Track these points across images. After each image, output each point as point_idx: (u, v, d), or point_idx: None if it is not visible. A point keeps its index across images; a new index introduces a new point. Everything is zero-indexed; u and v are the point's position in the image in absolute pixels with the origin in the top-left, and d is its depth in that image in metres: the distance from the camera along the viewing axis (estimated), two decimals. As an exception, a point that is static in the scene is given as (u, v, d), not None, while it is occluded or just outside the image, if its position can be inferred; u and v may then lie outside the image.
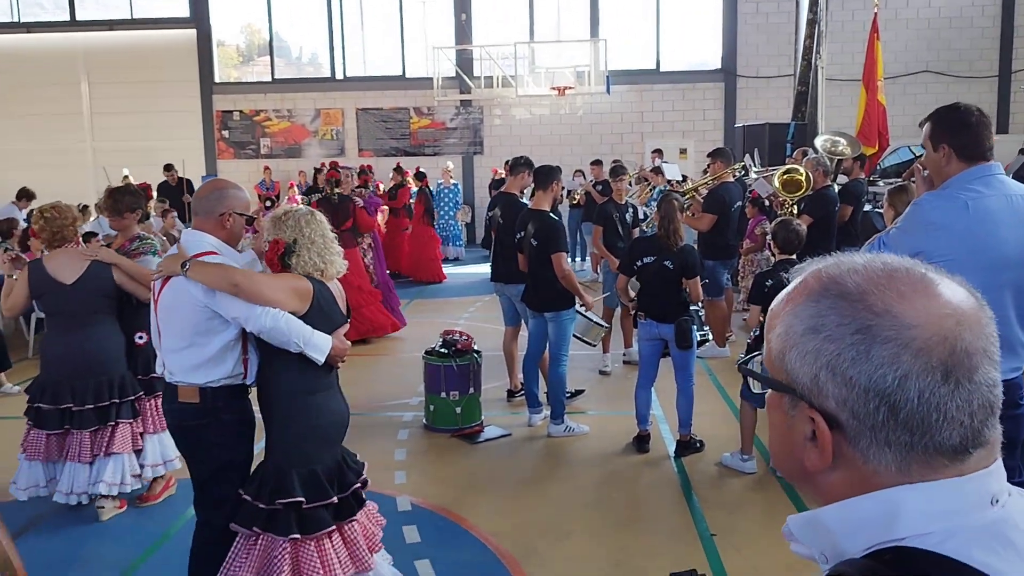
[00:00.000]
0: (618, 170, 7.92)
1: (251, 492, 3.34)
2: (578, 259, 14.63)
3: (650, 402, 5.96)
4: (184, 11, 19.74)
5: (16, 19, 20.21)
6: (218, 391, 3.36)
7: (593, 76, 18.46)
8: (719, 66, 19.10)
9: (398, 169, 14.56)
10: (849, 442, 0.91)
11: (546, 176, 6.21)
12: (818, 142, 8.70)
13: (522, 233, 6.29)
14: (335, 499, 3.36)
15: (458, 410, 6.31)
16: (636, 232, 7.89)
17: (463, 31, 19.20)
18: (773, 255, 5.42)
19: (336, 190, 8.98)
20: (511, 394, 7.11)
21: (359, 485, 3.49)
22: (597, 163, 13.58)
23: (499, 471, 5.62)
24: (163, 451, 5.05)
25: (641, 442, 5.88)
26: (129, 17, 19.97)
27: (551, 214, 6.20)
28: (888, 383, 0.87)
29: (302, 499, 3.26)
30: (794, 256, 5.29)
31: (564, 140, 19.10)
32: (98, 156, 19.89)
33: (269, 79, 20.06)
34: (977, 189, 3.06)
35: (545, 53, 19.17)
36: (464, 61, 19.07)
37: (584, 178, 14.61)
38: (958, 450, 0.88)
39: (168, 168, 15.54)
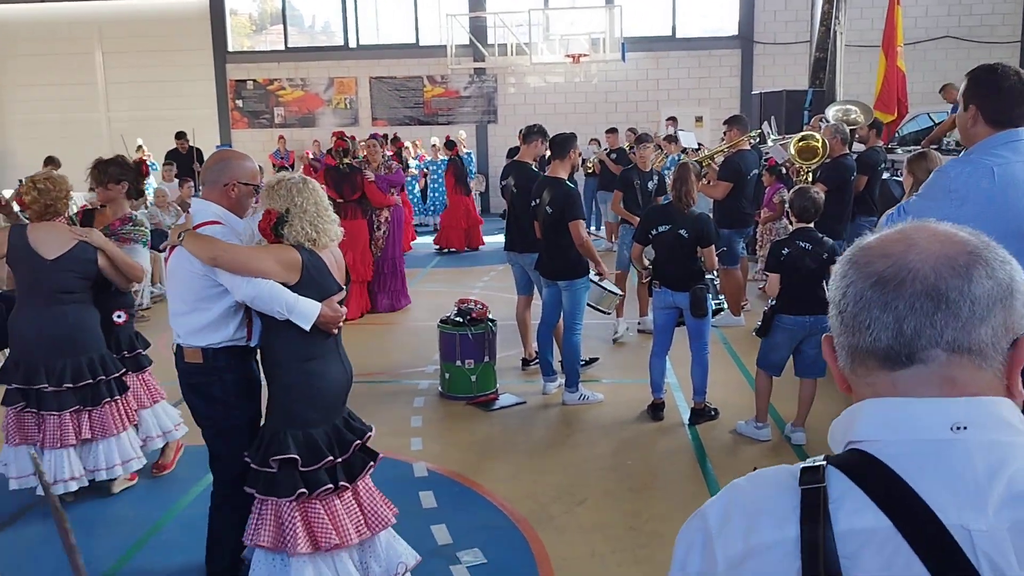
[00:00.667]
0: (643, 138, 7.91)
1: (251, 455, 3.44)
2: (592, 228, 14.59)
3: (664, 370, 5.98)
4: (197, -21, 19.66)
5: (31, -12, 20.17)
6: (219, 352, 3.48)
7: (608, 43, 18.27)
8: (736, 32, 18.85)
9: (393, 140, 14.70)
10: (838, 360, 1.10)
11: (563, 144, 6.18)
12: (830, 112, 8.61)
13: (537, 201, 6.27)
14: (336, 460, 3.42)
15: (473, 378, 6.35)
16: (661, 201, 7.88)
17: (477, -2, 19.04)
18: (791, 223, 5.39)
19: (345, 160, 8.94)
20: (526, 363, 7.14)
21: (359, 441, 3.52)
22: (612, 131, 13.49)
23: (514, 438, 5.66)
24: (160, 422, 5.02)
25: (655, 410, 5.90)
26: (143, -15, 19.89)
27: (568, 182, 6.17)
28: (838, 295, 1.07)
29: (296, 457, 3.32)
30: (811, 224, 5.26)
31: (578, 108, 18.97)
32: (113, 126, 19.93)
33: (282, 48, 19.98)
34: (1003, 155, 3.01)
35: (560, 20, 18.97)
36: (478, 29, 18.91)
37: (599, 146, 14.52)
38: (889, 355, 1.02)
39: (179, 136, 15.41)
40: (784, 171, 8.87)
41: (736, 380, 6.72)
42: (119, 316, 4.82)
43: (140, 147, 17.07)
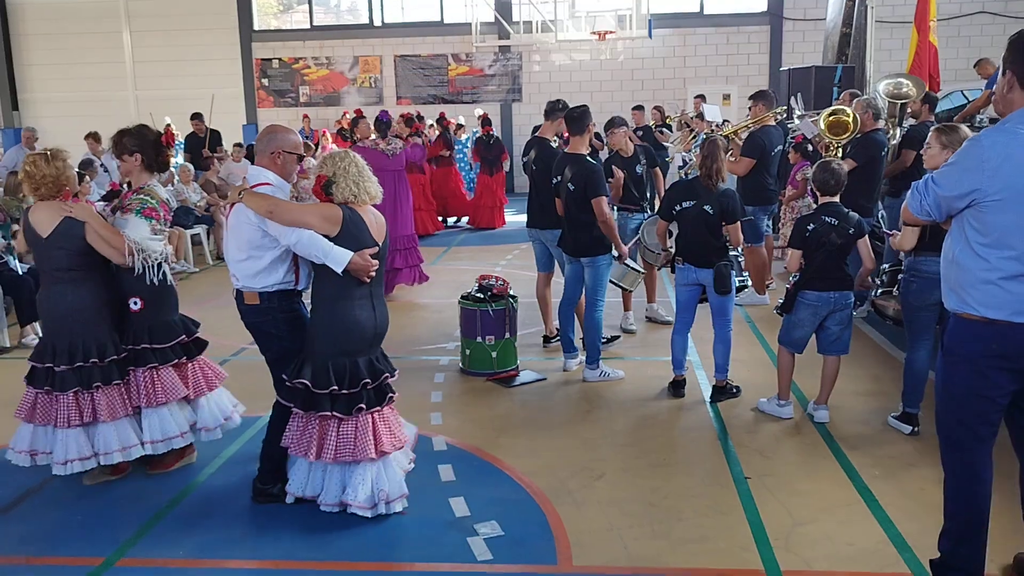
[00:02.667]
0: (614, 121, 7.53)
1: (287, 374, 4.14)
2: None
3: (686, 347, 5.92)
4: (223, -43, 19.66)
5: (58, -33, 20.29)
6: (272, 295, 4.16)
7: (635, 20, 18.06)
8: (765, 8, 18.57)
9: (439, 120, 14.70)
10: None
11: (579, 119, 6.09)
12: (880, 86, 8.41)
13: (559, 178, 6.21)
14: (342, 391, 4.02)
15: (494, 354, 6.33)
16: (663, 181, 7.79)
17: (502, -26, 18.88)
18: (815, 200, 5.29)
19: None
20: (547, 340, 7.11)
21: (368, 381, 4.06)
22: (639, 108, 13.35)
23: (534, 413, 5.64)
24: (163, 427, 4.65)
25: (676, 387, 5.85)
26: (169, -36, 19.94)
27: (589, 158, 6.10)
28: None
29: (309, 383, 4.00)
30: (836, 199, 5.16)
31: (604, 86, 18.82)
32: (140, 104, 20.05)
33: (308, 26, 19.97)
34: None
35: (586, -4, 18.79)
36: (503, 5, 18.77)
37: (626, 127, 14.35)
38: None
39: (195, 117, 15.03)
40: (810, 148, 8.71)
41: (760, 359, 6.64)
42: (135, 303, 4.58)
43: (168, 125, 17.17)
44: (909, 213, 3.24)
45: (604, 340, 6.82)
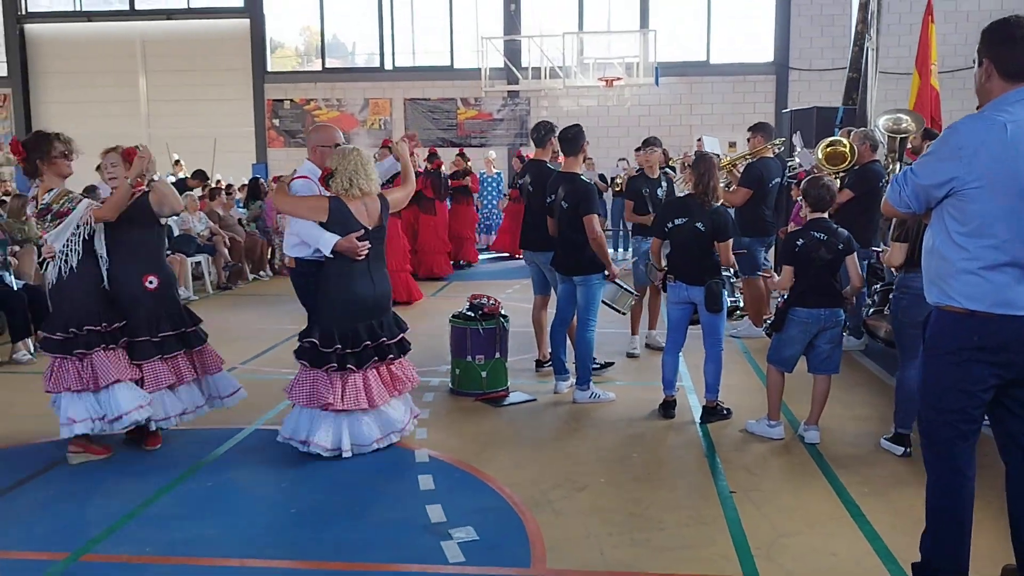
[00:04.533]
0: (650, 141, 7.73)
1: (300, 335, 4.96)
2: (620, 249, 14.48)
3: (677, 368, 5.85)
4: (239, 1, 20.09)
5: (79, 8, 20.78)
6: (306, 263, 5.00)
7: (642, 68, 18.34)
8: (771, 58, 18.83)
9: (462, 155, 14.73)
10: None
11: (573, 140, 6.12)
12: (880, 121, 8.44)
13: (552, 197, 6.22)
14: (345, 350, 4.79)
15: (484, 374, 6.26)
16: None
17: (512, 21, 19.23)
18: (804, 215, 5.26)
19: None
20: (539, 364, 7.04)
21: (368, 343, 4.86)
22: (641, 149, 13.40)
23: (521, 430, 5.56)
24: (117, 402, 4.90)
25: (667, 408, 5.77)
26: (186, 7, 20.40)
27: (583, 177, 6.12)
28: None
29: (316, 341, 4.78)
30: (826, 215, 5.14)
31: (611, 132, 19.00)
32: (153, 143, 20.30)
33: (320, 69, 20.32)
34: (1018, 111, 2.90)
35: (594, 44, 19.11)
36: (512, 52, 19.08)
37: (628, 164, 14.48)
38: None
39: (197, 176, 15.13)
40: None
41: (754, 386, 6.55)
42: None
43: (177, 162, 17.41)
44: (889, 205, 3.20)
45: (598, 365, 6.77)
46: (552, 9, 19.34)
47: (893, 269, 5.30)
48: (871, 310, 5.46)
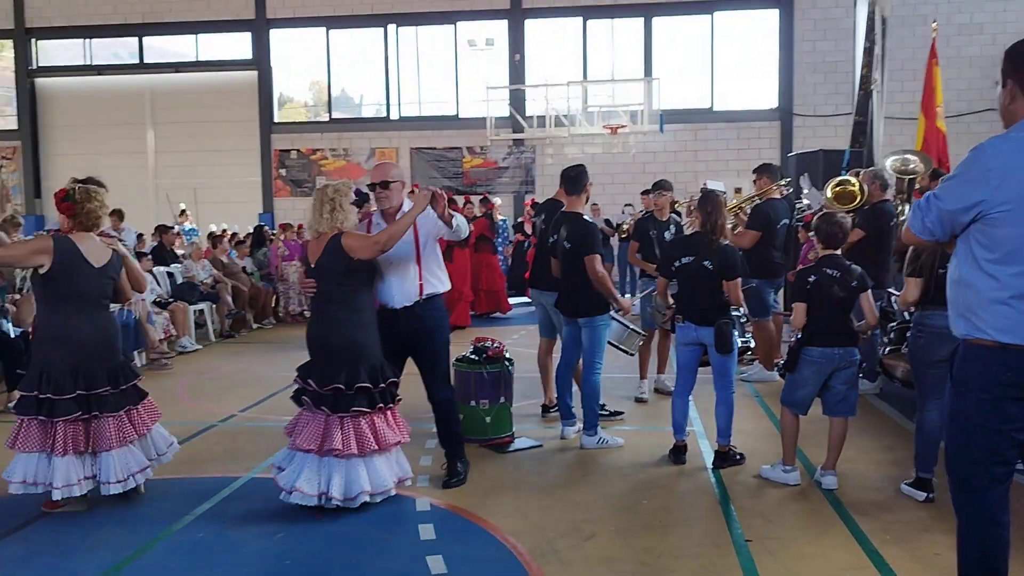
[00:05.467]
0: (661, 184, 7.64)
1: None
2: (628, 295, 14.33)
3: (687, 411, 5.66)
4: (247, 53, 20.33)
5: (89, 61, 21.03)
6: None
7: (646, 115, 18.39)
8: (775, 104, 18.86)
9: (483, 201, 14.61)
10: None
11: (576, 179, 6.04)
12: (887, 162, 8.35)
13: (555, 237, 6.10)
14: (311, 387, 4.62)
15: (488, 419, 6.08)
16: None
17: (516, 71, 19.36)
18: (814, 256, 5.12)
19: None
20: (546, 409, 6.85)
21: (344, 388, 4.55)
22: (648, 193, 13.35)
23: (526, 477, 5.36)
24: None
25: (677, 453, 5.57)
26: (194, 59, 20.63)
27: (585, 216, 6.01)
28: None
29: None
30: (838, 251, 5.00)
31: (617, 179, 18.97)
32: (160, 193, 20.43)
33: (326, 119, 20.46)
34: None
35: (598, 92, 19.20)
36: (517, 101, 19.18)
37: (634, 210, 14.41)
38: None
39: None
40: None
41: (767, 431, 6.34)
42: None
43: (184, 211, 17.45)
44: (911, 234, 3.05)
45: (607, 413, 6.58)
46: (556, 59, 19.48)
47: (906, 312, 5.15)
48: (887, 349, 5.29)
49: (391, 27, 19.98)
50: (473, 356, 6.20)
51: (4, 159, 21.24)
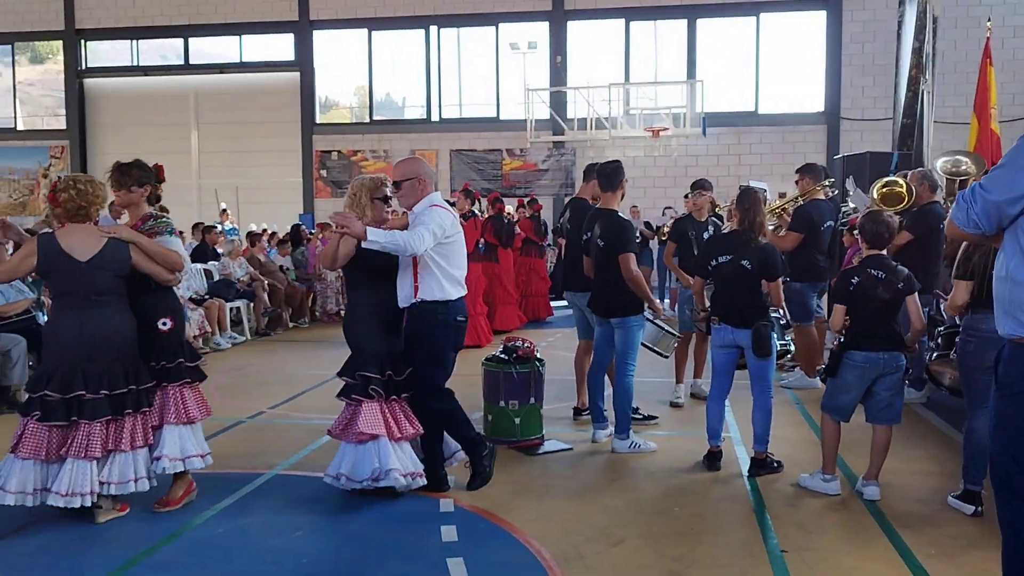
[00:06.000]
0: (700, 183, 7.44)
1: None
2: (666, 299, 14.07)
3: (723, 416, 5.45)
4: (289, 55, 20.47)
5: (136, 62, 21.35)
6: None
7: (689, 118, 18.12)
8: (822, 108, 18.48)
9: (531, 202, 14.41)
10: None
11: (612, 175, 5.87)
12: (937, 163, 8.07)
13: (588, 235, 5.95)
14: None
15: (517, 420, 5.93)
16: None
17: (558, 73, 19.23)
18: (860, 251, 4.90)
19: None
20: (578, 412, 6.69)
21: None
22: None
23: (554, 480, 5.21)
24: (183, 444, 4.57)
25: (712, 459, 5.37)
26: (238, 61, 20.83)
27: (620, 214, 5.85)
28: None
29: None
30: (883, 252, 4.77)
31: (658, 182, 18.74)
32: (203, 193, 20.65)
33: (367, 120, 20.51)
34: None
35: (640, 95, 18.97)
36: (558, 103, 19.04)
37: (675, 212, 14.19)
38: None
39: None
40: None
41: (807, 438, 6.11)
42: (164, 323, 4.59)
43: (224, 211, 17.59)
44: (954, 227, 2.85)
45: (641, 417, 6.41)
46: (598, 61, 19.31)
47: (956, 316, 4.91)
48: (935, 354, 5.04)
49: (433, 29, 19.98)
50: (503, 356, 6.06)
51: (53, 158, 21.63)
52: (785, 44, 18.68)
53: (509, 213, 13.12)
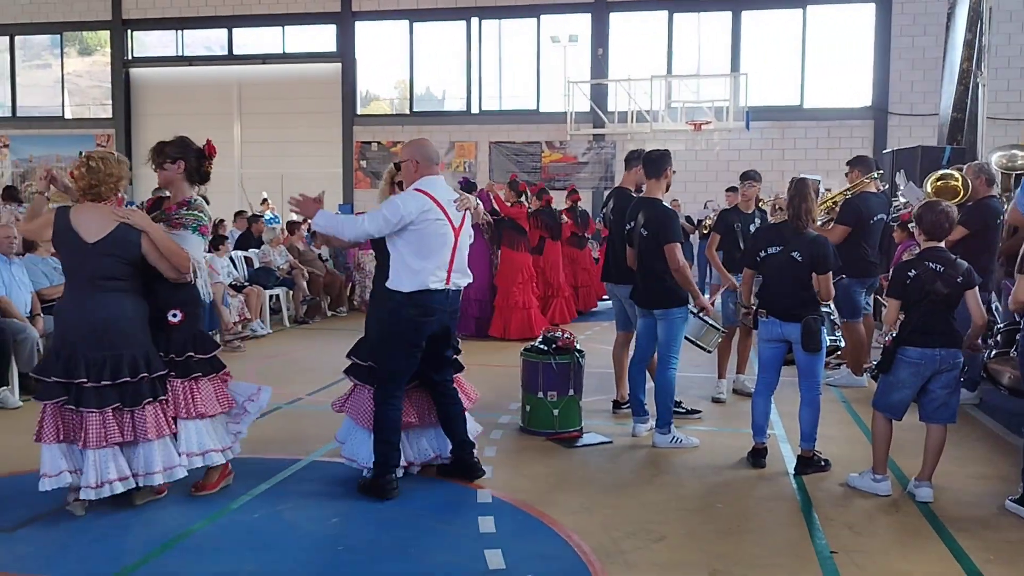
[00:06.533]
0: (749, 174, 7.26)
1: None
2: (706, 295, 13.81)
3: (768, 412, 5.30)
4: (331, 46, 20.52)
5: (181, 53, 21.56)
6: None
7: (732, 112, 17.83)
8: (869, 103, 18.08)
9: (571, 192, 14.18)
10: None
11: (657, 162, 5.74)
12: (993, 157, 7.82)
13: (632, 224, 5.82)
14: None
15: (556, 412, 5.85)
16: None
17: (599, 65, 19.04)
18: (918, 244, 4.72)
19: None
20: (617, 405, 6.57)
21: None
22: (732, 190, 12.91)
23: (593, 473, 5.10)
24: (200, 439, 4.40)
25: (757, 456, 5.22)
26: (281, 51, 20.92)
27: (664, 203, 5.72)
28: None
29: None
30: (942, 243, 4.59)
31: (699, 177, 18.48)
32: (245, 182, 20.80)
33: (407, 112, 20.50)
34: None
35: (683, 88, 18.71)
36: (599, 95, 18.86)
37: (717, 206, 13.98)
38: None
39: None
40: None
41: (854, 436, 5.94)
42: (174, 315, 4.37)
43: (265, 200, 17.70)
44: (1017, 213, 2.70)
45: (684, 412, 6.29)
46: (640, 53, 19.08)
47: (1017, 313, 4.71)
48: (994, 352, 4.85)
49: (474, 20, 19.89)
50: (542, 346, 5.97)
51: (99, 146, 21.90)
52: (832, 37, 18.27)
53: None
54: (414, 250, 4.46)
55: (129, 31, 21.67)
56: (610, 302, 13.01)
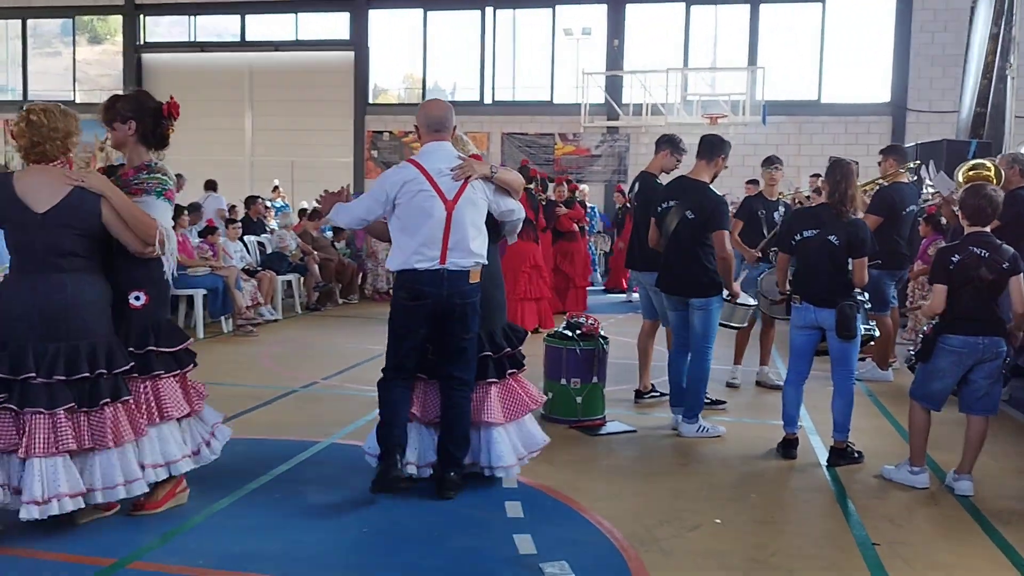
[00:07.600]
0: (772, 159, 7.13)
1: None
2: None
3: (800, 402, 5.15)
4: (344, 34, 20.38)
5: (193, 38, 21.45)
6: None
7: (748, 106, 17.64)
8: (888, 99, 17.89)
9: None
10: None
11: (715, 147, 5.59)
12: (1023, 149, 7.64)
13: (669, 204, 5.60)
14: None
15: (579, 399, 5.71)
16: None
17: (614, 57, 18.87)
18: (961, 229, 4.57)
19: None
20: (639, 395, 6.42)
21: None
22: (753, 182, 12.77)
23: (620, 461, 4.98)
24: (163, 448, 3.78)
25: (787, 447, 5.08)
26: (294, 39, 20.80)
27: (714, 189, 5.58)
28: None
29: None
30: (987, 228, 4.45)
31: (714, 171, 18.28)
32: (256, 170, 20.69)
33: (419, 101, 20.37)
34: None
35: (699, 81, 18.54)
36: (613, 88, 18.70)
37: (736, 199, 13.81)
38: None
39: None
40: (943, 221, 7.91)
41: (884, 428, 5.81)
42: (136, 297, 3.75)
43: (276, 187, 17.58)
44: None
45: (709, 402, 6.14)
46: (656, 45, 18.91)
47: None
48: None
49: (488, 10, 19.73)
50: (566, 332, 5.84)
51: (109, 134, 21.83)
52: (852, 31, 18.08)
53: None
54: (400, 226, 4.14)
55: (142, 16, 21.56)
56: (616, 300, 13.07)
